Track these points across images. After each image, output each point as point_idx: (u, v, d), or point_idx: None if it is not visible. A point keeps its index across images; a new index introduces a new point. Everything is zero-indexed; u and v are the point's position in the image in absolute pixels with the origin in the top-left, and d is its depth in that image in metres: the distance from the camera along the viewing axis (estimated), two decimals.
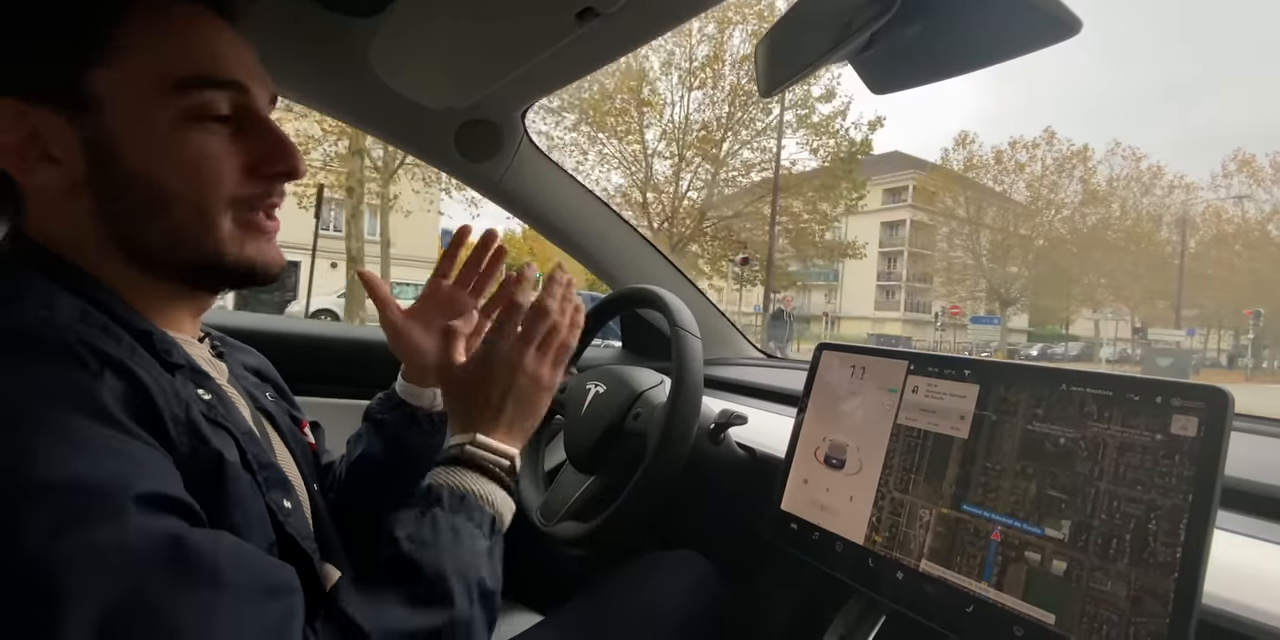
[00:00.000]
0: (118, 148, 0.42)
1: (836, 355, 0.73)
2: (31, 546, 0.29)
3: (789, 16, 0.58)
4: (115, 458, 0.33)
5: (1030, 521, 0.51)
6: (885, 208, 29.64)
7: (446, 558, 0.42)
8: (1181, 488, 0.44)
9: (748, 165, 14.07)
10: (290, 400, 0.63)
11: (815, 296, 32.47)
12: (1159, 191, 22.42)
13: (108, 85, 0.41)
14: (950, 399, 0.60)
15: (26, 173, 0.42)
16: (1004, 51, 0.53)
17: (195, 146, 0.43)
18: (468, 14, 0.63)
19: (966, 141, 22.19)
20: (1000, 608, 0.51)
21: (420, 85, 0.79)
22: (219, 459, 0.40)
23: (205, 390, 0.43)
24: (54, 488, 0.30)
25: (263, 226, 0.47)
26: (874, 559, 0.61)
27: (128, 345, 0.39)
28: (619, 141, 13.85)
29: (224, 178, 0.45)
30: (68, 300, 0.39)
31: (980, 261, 22.31)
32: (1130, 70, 59.35)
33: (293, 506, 0.46)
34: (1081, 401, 0.51)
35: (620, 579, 0.76)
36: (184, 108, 0.43)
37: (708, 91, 13.57)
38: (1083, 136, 36.66)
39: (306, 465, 0.57)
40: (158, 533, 0.32)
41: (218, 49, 0.44)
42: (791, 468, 0.72)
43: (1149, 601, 0.43)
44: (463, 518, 0.45)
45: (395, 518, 0.45)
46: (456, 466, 0.50)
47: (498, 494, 0.50)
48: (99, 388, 0.35)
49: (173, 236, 0.44)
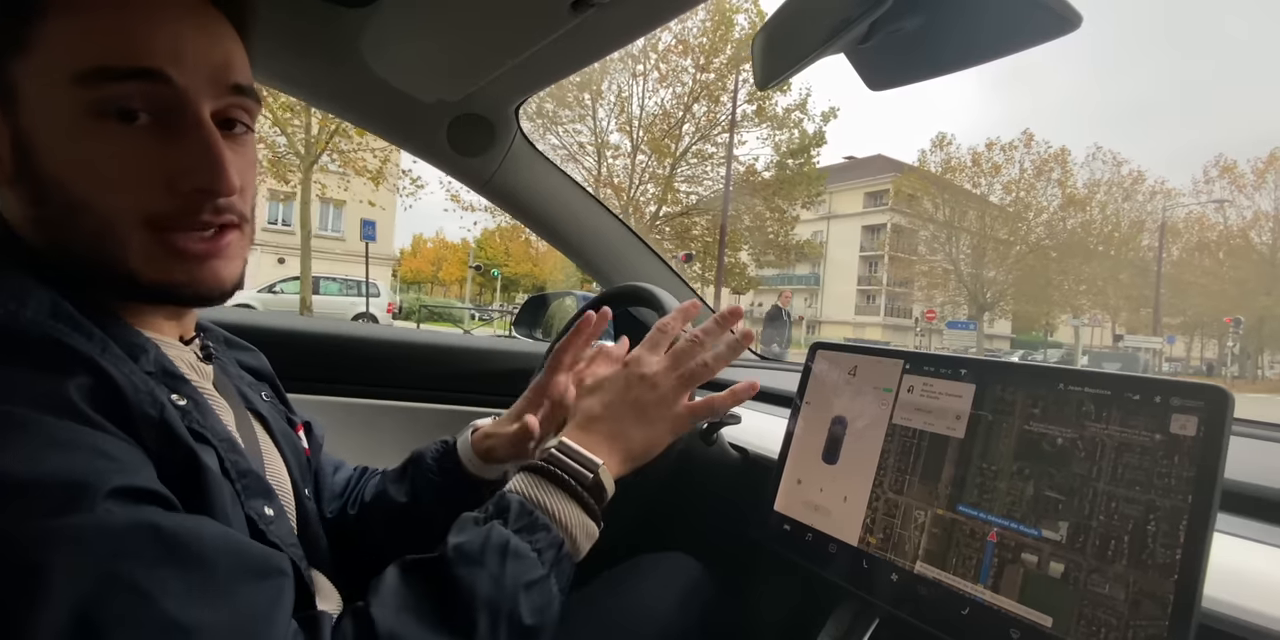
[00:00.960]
0: (35, 146, 0.39)
1: (831, 355, 0.72)
2: (5, 539, 0.28)
3: (787, 7, 0.57)
4: (87, 452, 0.32)
5: (1027, 523, 0.51)
6: (866, 211, 29.91)
7: (484, 583, 0.39)
8: (1181, 488, 0.44)
9: (702, 156, 14.13)
10: (286, 402, 0.61)
11: (796, 301, 32.71)
12: (1140, 197, 22.82)
13: (25, 77, 0.38)
14: (946, 399, 0.60)
15: None
16: (1004, 47, 0.52)
17: (99, 150, 0.38)
18: (463, 3, 0.62)
19: (944, 143, 22.45)
20: (997, 610, 0.50)
21: (413, 76, 0.77)
22: (192, 465, 0.38)
23: (180, 395, 0.41)
24: (26, 484, 0.29)
25: (189, 249, 0.41)
26: (868, 560, 0.60)
27: (99, 341, 0.37)
28: (568, 134, 13.87)
29: (133, 189, 0.39)
30: (39, 294, 0.37)
31: (958, 266, 22.55)
32: (1116, 81, 60.54)
33: (275, 513, 0.45)
34: (1079, 401, 0.51)
35: (610, 581, 0.75)
36: (88, 105, 0.38)
37: (667, 82, 13.64)
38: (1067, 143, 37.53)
39: (298, 468, 0.55)
40: (136, 521, 0.31)
41: (137, 32, 0.38)
42: (785, 468, 0.71)
43: (1148, 604, 0.43)
44: (522, 538, 0.42)
45: (461, 520, 0.43)
46: (539, 476, 0.47)
47: (574, 515, 0.46)
48: (66, 383, 0.33)
49: (88, 250, 0.40)
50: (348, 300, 13.64)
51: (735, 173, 13.96)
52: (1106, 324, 24.54)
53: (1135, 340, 20.88)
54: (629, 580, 0.75)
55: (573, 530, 0.46)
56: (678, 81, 13.90)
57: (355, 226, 13.98)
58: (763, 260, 16.67)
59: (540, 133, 13.70)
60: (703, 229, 14.97)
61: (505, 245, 29.13)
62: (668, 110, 14.16)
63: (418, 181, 13.25)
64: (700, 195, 14.77)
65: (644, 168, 14.46)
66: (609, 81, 13.96)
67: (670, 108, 14.13)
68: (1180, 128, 54.40)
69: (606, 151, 14.49)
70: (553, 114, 13.74)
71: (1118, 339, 22.14)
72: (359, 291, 13.45)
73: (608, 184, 14.33)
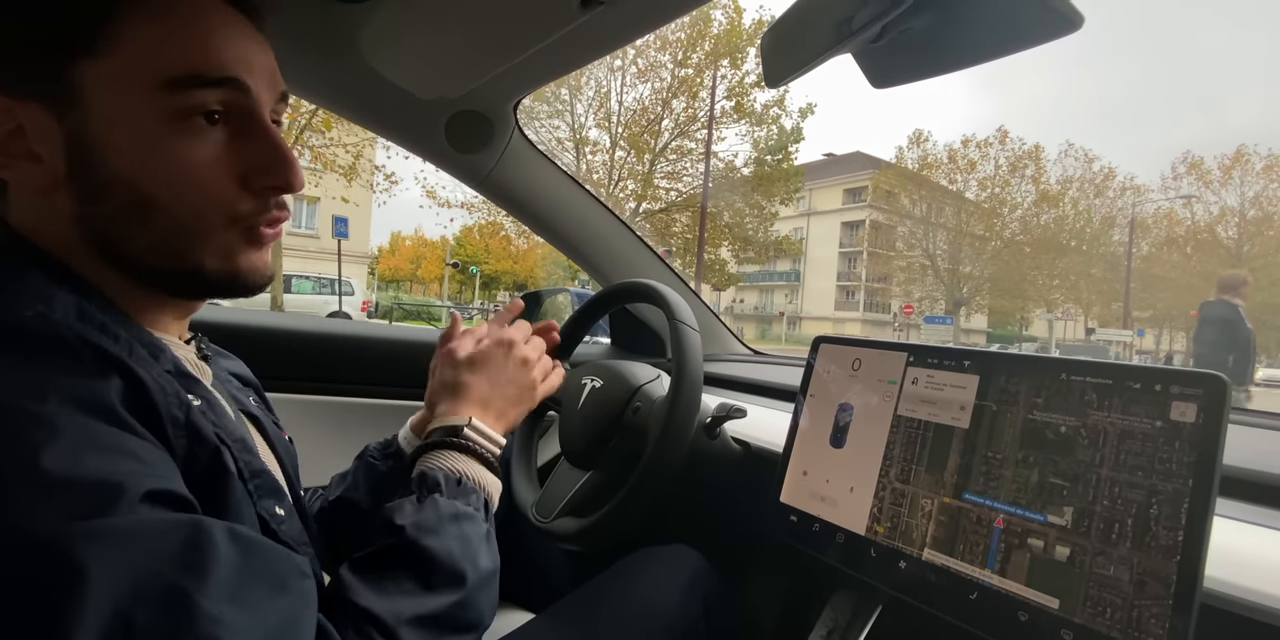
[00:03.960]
0: (100, 148, 0.39)
1: (834, 348, 0.74)
2: (47, 538, 0.28)
3: (797, 6, 0.58)
4: (124, 456, 0.32)
5: (1032, 509, 0.52)
6: (845, 208, 30.18)
7: (452, 541, 0.44)
8: (1182, 472, 0.46)
9: (681, 152, 14.14)
10: (270, 407, 0.61)
11: (777, 296, 32.94)
12: (1111, 193, 23.29)
13: (94, 79, 0.38)
14: (950, 390, 0.61)
15: (8, 169, 0.40)
16: (1008, 46, 0.53)
17: (184, 152, 0.40)
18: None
19: (921, 140, 22.65)
20: (1004, 594, 0.52)
21: (413, 73, 0.77)
22: (215, 465, 0.39)
23: (195, 395, 0.41)
24: (67, 483, 0.29)
25: (259, 239, 0.44)
26: (876, 549, 0.62)
27: (125, 343, 0.37)
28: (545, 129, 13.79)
29: (216, 189, 0.41)
30: (62, 297, 0.36)
31: (935, 261, 22.87)
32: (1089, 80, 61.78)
33: (285, 513, 0.45)
34: (1081, 391, 0.53)
35: (613, 574, 0.76)
36: (173, 108, 0.39)
37: (645, 77, 13.61)
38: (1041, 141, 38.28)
39: (292, 470, 0.55)
40: (169, 524, 0.31)
41: (216, 43, 0.41)
42: (790, 460, 0.73)
43: (1152, 584, 0.45)
44: (461, 502, 0.47)
45: (394, 507, 0.46)
46: (447, 450, 0.52)
47: (487, 476, 0.52)
48: (104, 386, 0.33)
49: (156, 245, 0.41)
50: (321, 298, 13.40)
51: (714, 169, 13.99)
52: (1079, 318, 25.07)
53: (1106, 333, 21.36)
54: (633, 571, 0.75)
55: (489, 489, 0.52)
56: (656, 77, 13.90)
57: (329, 223, 13.76)
58: (742, 257, 16.76)
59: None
60: (683, 226, 14.99)
61: (485, 242, 28.88)
62: (646, 106, 14.15)
63: (391, 177, 13.08)
64: (680, 192, 14.78)
65: (623, 164, 14.44)
66: (587, 76, 13.91)
67: (649, 103, 14.14)
68: (1149, 125, 55.76)
69: (585, 148, 14.45)
70: (530, 109, 13.66)
71: (1090, 333, 22.65)
72: (333, 290, 13.25)
73: (586, 180, 14.29)
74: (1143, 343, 25.23)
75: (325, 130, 10.77)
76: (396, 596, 0.40)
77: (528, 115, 13.49)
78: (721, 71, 13.55)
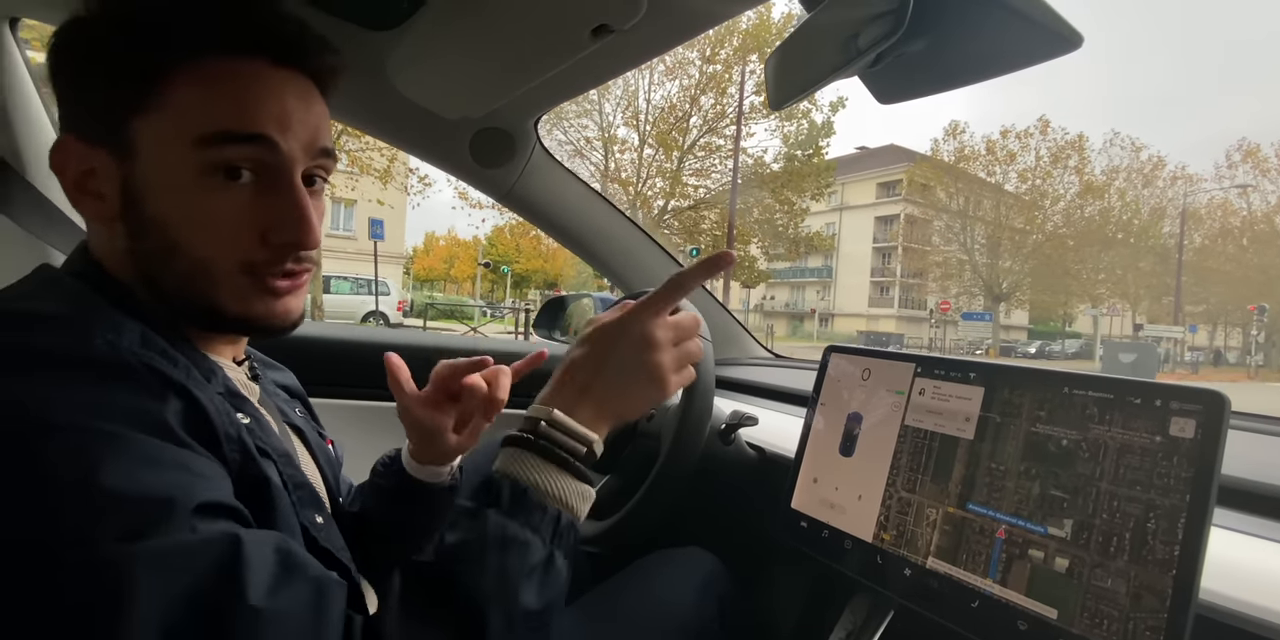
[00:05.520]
0: (144, 192, 0.43)
1: (845, 357, 0.75)
2: (104, 550, 0.31)
3: (799, 32, 0.60)
4: (178, 470, 0.35)
5: (1034, 520, 0.53)
6: (878, 202, 29.58)
7: (488, 579, 0.39)
8: (1180, 488, 0.46)
9: (710, 149, 13.99)
10: (316, 418, 0.65)
11: (808, 293, 32.48)
12: (1160, 183, 22.33)
13: (145, 133, 0.43)
14: (956, 401, 0.62)
15: (80, 204, 0.45)
16: (1007, 65, 0.55)
17: (208, 204, 0.43)
18: (486, 29, 0.65)
19: (957, 131, 22.04)
20: (1004, 603, 0.53)
21: (437, 96, 0.81)
22: (263, 478, 0.42)
23: (244, 414, 0.45)
24: (124, 498, 0.32)
25: (272, 288, 0.46)
26: (882, 556, 0.63)
27: (184, 367, 0.41)
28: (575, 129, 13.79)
29: (232, 240, 0.44)
30: (130, 326, 0.41)
31: (973, 256, 22.25)
32: (1134, 68, 59.20)
33: (324, 521, 0.48)
34: (1083, 404, 0.53)
35: (630, 574, 0.78)
36: (204, 163, 0.43)
37: (673, 74, 13.50)
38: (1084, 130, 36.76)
39: (333, 479, 0.59)
40: (216, 537, 0.34)
41: (251, 103, 0.44)
42: (801, 467, 0.74)
43: (1148, 597, 0.45)
44: (519, 523, 0.41)
45: (453, 514, 0.42)
46: (524, 450, 0.44)
47: (569, 486, 0.44)
48: (162, 407, 0.37)
49: (181, 286, 0.45)
50: (358, 298, 13.78)
51: (743, 165, 13.88)
52: (1126, 313, 24.11)
53: (1156, 329, 20.54)
54: (649, 572, 0.78)
55: (569, 500, 0.44)
56: (684, 74, 13.85)
57: (365, 225, 14.09)
58: (772, 253, 16.60)
59: (547, 128, 13.73)
60: (711, 223, 14.92)
61: (516, 242, 29.23)
62: (674, 103, 14.11)
63: (425, 179, 13.37)
64: (708, 188, 14.70)
65: (651, 162, 14.44)
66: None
67: (677, 101, 14.09)
68: (1201, 112, 53.17)
69: (613, 146, 14.50)
70: (558, 109, 13.73)
71: (1138, 328, 21.80)
72: (370, 290, 13.60)
73: (615, 179, 14.33)
74: (1195, 339, 24.14)
75: (361, 135, 11.07)
76: (414, 626, 0.38)
77: (556, 115, 13.58)
78: (750, 67, 13.44)
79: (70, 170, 0.44)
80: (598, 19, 0.59)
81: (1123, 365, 11.63)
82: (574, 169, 1.09)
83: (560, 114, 13.97)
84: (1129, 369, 11.29)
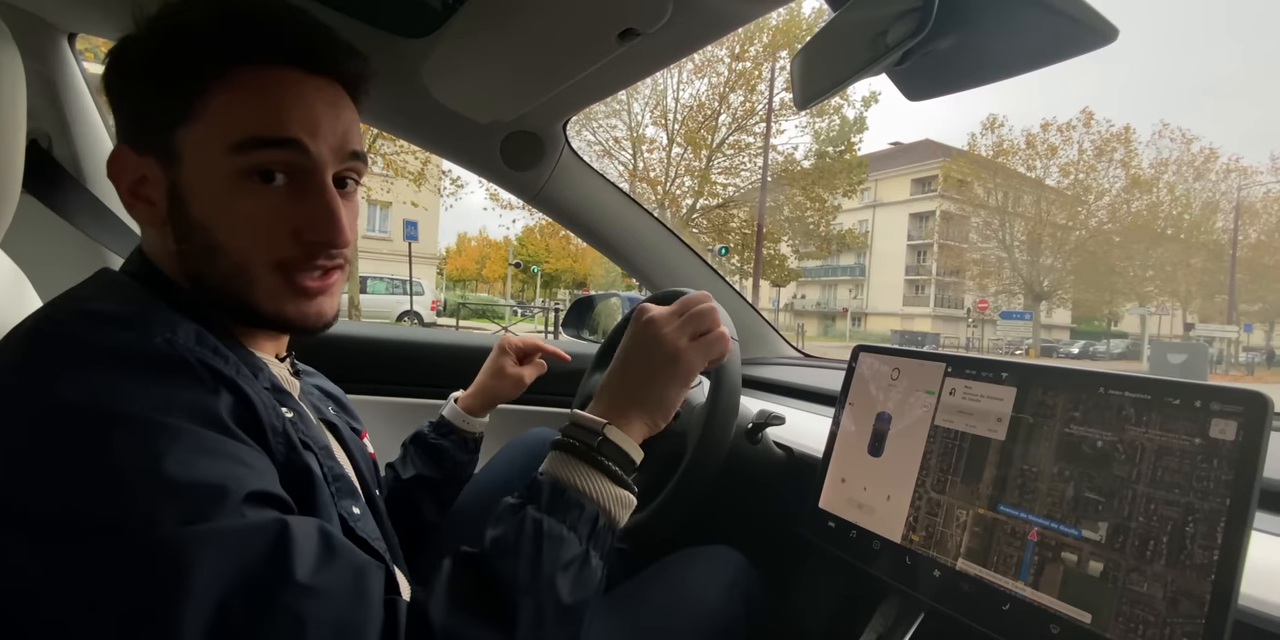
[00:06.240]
0: (188, 197, 0.46)
1: (874, 357, 0.74)
2: (166, 532, 0.33)
3: (825, 31, 0.60)
4: (231, 461, 0.38)
5: (1067, 523, 0.52)
6: (913, 198, 28.92)
7: (522, 572, 0.41)
8: (1219, 491, 0.45)
9: (739, 147, 13.85)
10: (351, 412, 0.68)
11: (840, 291, 31.98)
12: (1213, 176, 21.33)
13: (188, 141, 0.46)
14: (987, 401, 0.62)
15: (133, 209, 0.49)
16: (1037, 60, 0.54)
17: (244, 206, 0.46)
18: (515, 35, 0.67)
19: (995, 125, 21.37)
20: (1037, 606, 0.52)
21: (469, 101, 0.83)
22: (306, 468, 0.45)
23: (288, 408, 0.48)
24: (183, 485, 0.35)
25: (304, 288, 0.49)
26: (911, 557, 0.63)
27: (234, 364, 0.43)
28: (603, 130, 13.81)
29: (266, 240, 0.47)
30: (185, 324, 0.43)
31: (1012, 253, 21.58)
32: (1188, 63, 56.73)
33: (361, 512, 0.50)
34: (1119, 405, 0.52)
35: (657, 571, 0.79)
36: (240, 168, 0.45)
37: (702, 72, 13.41)
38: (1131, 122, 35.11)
39: (367, 472, 0.61)
40: (266, 523, 0.36)
41: (281, 109, 0.46)
42: (829, 466, 0.74)
43: (1185, 603, 0.44)
44: (555, 519, 0.44)
45: (499, 508, 0.45)
46: (565, 453, 0.48)
47: (610, 491, 0.47)
48: (216, 401, 0.39)
49: (221, 285, 0.48)
50: (394, 298, 14.09)
51: (773, 162, 13.74)
52: (1176, 312, 23.13)
53: (1208, 329, 19.64)
54: (676, 569, 0.79)
55: (606, 503, 0.47)
56: (713, 72, 13.78)
57: (400, 227, 14.41)
58: (802, 251, 16.40)
59: (576, 129, 13.81)
60: (740, 221, 14.82)
61: (545, 242, 29.51)
62: (703, 101, 14.05)
63: (457, 181, 13.60)
64: (738, 186, 14.60)
65: (679, 160, 14.40)
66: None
67: (706, 98, 14.03)
68: (1256, 102, 50.66)
69: (642, 146, 14.50)
70: (588, 110, 13.80)
71: (1189, 328, 20.89)
72: (404, 290, 13.90)
73: (644, 178, 14.33)
74: (1250, 338, 23.03)
75: (396, 138, 11.30)
76: (457, 613, 0.40)
77: (585, 116, 13.66)
78: (780, 63, 13.30)
79: (124, 178, 0.48)
80: (623, 23, 0.60)
81: (1171, 366, 11.12)
82: (603, 169, 1.11)
83: (589, 114, 14.06)
84: (1178, 370, 10.76)
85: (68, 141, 0.91)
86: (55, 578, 0.33)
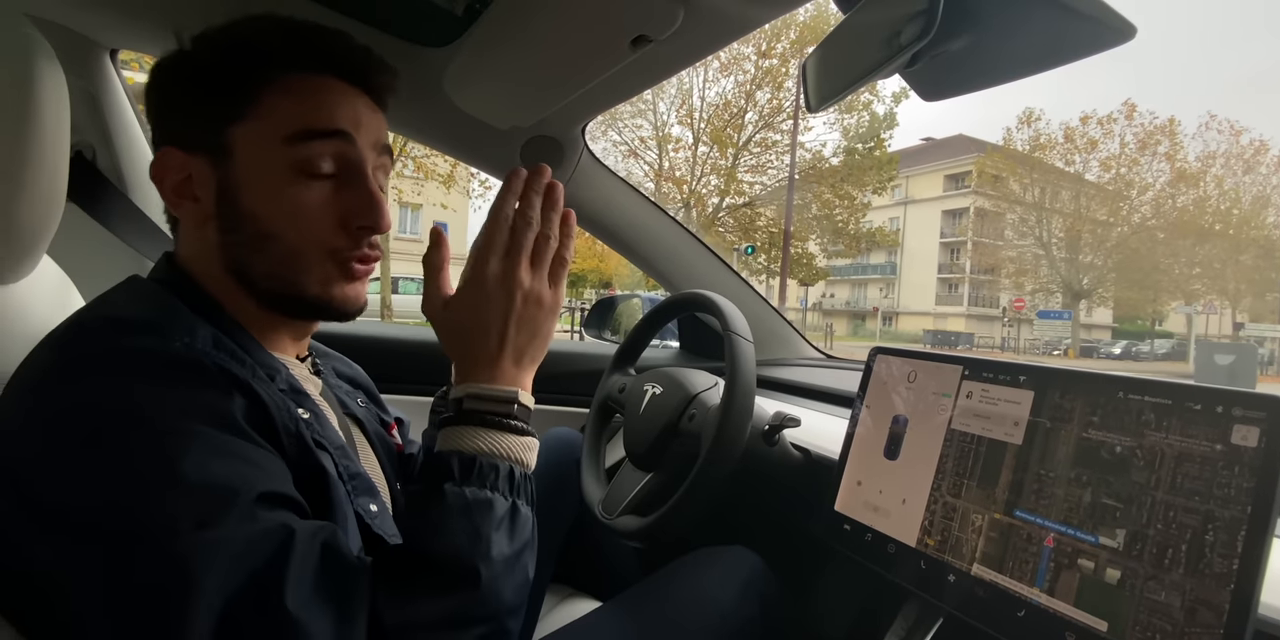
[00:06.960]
0: (239, 189, 0.50)
1: (891, 359, 0.74)
2: (184, 534, 0.35)
3: (837, 33, 0.60)
4: (244, 462, 0.39)
5: (1084, 529, 0.52)
6: (946, 195, 28.24)
7: (459, 537, 0.42)
8: (1240, 499, 0.44)
9: (766, 144, 13.69)
10: (380, 404, 0.70)
11: (870, 290, 31.43)
12: (1264, 169, 20.36)
13: (241, 138, 0.49)
14: (1005, 405, 0.61)
15: (177, 207, 0.52)
16: (1052, 60, 0.53)
17: (297, 196, 0.50)
18: (533, 44, 0.68)
19: (1032, 119, 20.72)
20: (1052, 613, 0.51)
21: (489, 108, 0.85)
22: (320, 469, 0.46)
23: (304, 409, 0.49)
24: (197, 486, 0.36)
25: (352, 272, 0.53)
26: (926, 561, 0.62)
27: (250, 367, 0.45)
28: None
29: (317, 227, 0.51)
30: (204, 329, 0.46)
31: (1050, 250, 20.92)
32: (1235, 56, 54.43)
33: (378, 509, 0.51)
34: (1139, 410, 0.51)
35: (673, 571, 0.79)
36: (293, 159, 0.50)
37: (728, 70, 13.30)
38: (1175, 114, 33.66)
39: (390, 466, 0.63)
40: (274, 524, 0.38)
41: (328, 106, 0.51)
42: (845, 469, 0.74)
43: (1204, 612, 0.44)
44: (474, 487, 0.44)
45: (406, 500, 0.46)
46: (461, 425, 0.47)
47: (512, 442, 0.47)
48: (230, 404, 0.41)
49: (270, 270, 0.51)
50: None
51: (801, 160, 13.60)
52: (1225, 311, 22.16)
53: (1259, 328, 18.81)
54: (692, 569, 0.79)
55: (515, 454, 0.47)
56: (739, 70, 13.70)
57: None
58: (831, 250, 16.19)
59: (602, 129, 13.88)
60: (767, 220, 14.71)
61: None
62: (729, 99, 13.97)
63: (486, 183, 13.77)
64: (765, 185, 14.49)
65: (705, 159, 14.34)
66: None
67: (732, 97, 13.95)
68: None
69: (668, 145, 14.49)
70: (613, 111, 13.86)
71: (1238, 327, 20.03)
72: None
73: (669, 178, 14.32)
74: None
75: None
76: (410, 602, 0.40)
77: (611, 116, 13.70)
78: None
79: (169, 177, 0.51)
80: (636, 30, 0.60)
81: (1219, 368, 10.63)
82: (629, 169, 1.12)
83: (615, 115, 14.12)
84: (1226, 372, 10.27)
85: (110, 153, 0.95)
86: (70, 573, 0.35)
